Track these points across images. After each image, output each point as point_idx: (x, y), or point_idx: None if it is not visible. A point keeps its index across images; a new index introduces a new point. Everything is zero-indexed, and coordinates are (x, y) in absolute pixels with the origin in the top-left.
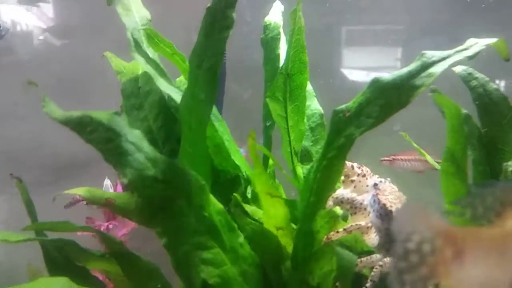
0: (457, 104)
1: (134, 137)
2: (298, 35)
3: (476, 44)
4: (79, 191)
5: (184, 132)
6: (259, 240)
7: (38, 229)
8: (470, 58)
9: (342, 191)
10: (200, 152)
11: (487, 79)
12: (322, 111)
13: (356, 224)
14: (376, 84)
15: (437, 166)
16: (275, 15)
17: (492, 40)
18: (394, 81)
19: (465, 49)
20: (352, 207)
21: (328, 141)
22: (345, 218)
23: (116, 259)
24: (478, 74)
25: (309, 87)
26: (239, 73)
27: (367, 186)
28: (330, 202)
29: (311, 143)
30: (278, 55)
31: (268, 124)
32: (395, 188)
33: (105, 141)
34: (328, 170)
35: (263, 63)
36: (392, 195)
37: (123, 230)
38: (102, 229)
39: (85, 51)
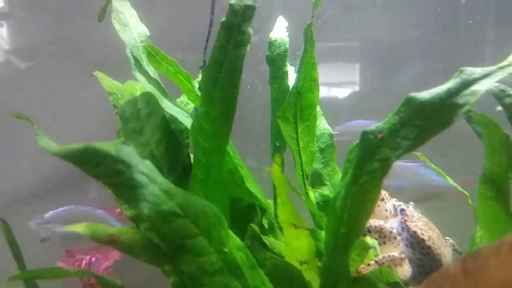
0: (497, 123)
1: (146, 168)
2: (310, 49)
3: None
4: (78, 228)
5: (197, 158)
6: (282, 276)
7: (26, 278)
8: None
9: (370, 221)
10: (215, 180)
11: None
12: (331, 131)
13: (389, 256)
14: (411, 103)
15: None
16: (281, 31)
17: None
18: (432, 100)
19: (509, 65)
20: (381, 236)
21: (359, 165)
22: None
23: None
24: (511, 91)
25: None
26: None
27: (386, 210)
28: None
29: (321, 165)
30: (286, 72)
31: (278, 145)
32: (420, 213)
33: (115, 174)
34: (361, 197)
35: (269, 81)
36: (421, 221)
37: (105, 263)
38: (84, 263)
39: (56, 71)
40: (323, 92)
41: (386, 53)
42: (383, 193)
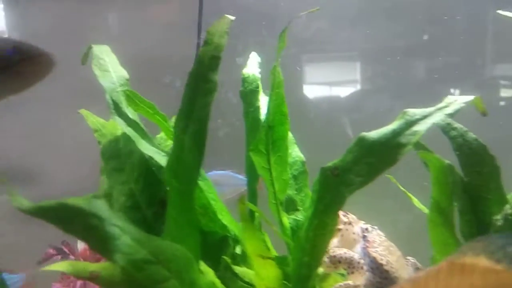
0: (439, 157)
1: (118, 219)
2: (278, 88)
3: (455, 102)
4: (61, 267)
5: (171, 198)
6: None
7: None
8: (451, 116)
9: (339, 250)
10: (188, 219)
11: (465, 128)
12: (304, 159)
13: (345, 284)
14: (362, 142)
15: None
16: (253, 67)
17: (470, 98)
18: (380, 140)
19: (446, 107)
20: (350, 267)
21: (318, 198)
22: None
23: None
24: (456, 124)
25: (289, 135)
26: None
27: (354, 233)
28: (326, 260)
29: (295, 191)
30: (258, 107)
31: (251, 176)
32: (383, 237)
33: (88, 229)
34: (321, 229)
35: (243, 116)
36: (381, 246)
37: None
38: (78, 285)
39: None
40: (324, 91)
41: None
42: (351, 217)
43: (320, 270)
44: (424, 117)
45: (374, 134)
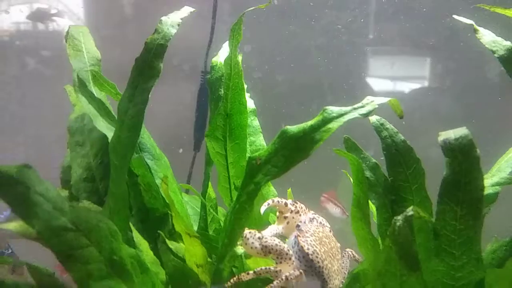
0: (357, 158)
1: (44, 189)
2: (236, 79)
3: (371, 103)
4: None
5: (111, 173)
6: (179, 277)
7: None
8: (365, 116)
9: (272, 240)
10: (121, 193)
11: (396, 130)
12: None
13: (266, 268)
14: (283, 135)
15: None
16: (222, 57)
17: (386, 99)
18: (298, 134)
19: (362, 107)
20: (279, 257)
21: (242, 186)
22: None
23: None
24: (388, 125)
25: (255, 123)
26: None
27: (300, 222)
28: (257, 245)
29: None
30: (221, 95)
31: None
32: (324, 228)
33: (15, 195)
34: (239, 214)
35: (208, 102)
36: (313, 237)
37: None
38: None
39: None
40: (387, 85)
41: None
42: (300, 207)
43: (240, 250)
44: (340, 115)
45: (294, 128)
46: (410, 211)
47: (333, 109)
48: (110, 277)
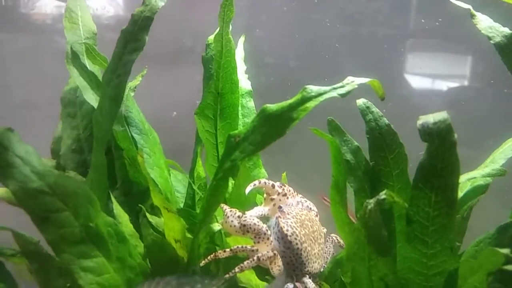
0: (335, 140)
1: (24, 152)
2: (228, 57)
3: (351, 83)
4: None
5: (94, 144)
6: (157, 251)
7: None
8: (343, 95)
9: (251, 219)
10: (100, 164)
11: (381, 114)
12: None
13: (242, 246)
14: (263, 113)
15: None
16: None
17: (366, 80)
18: (276, 112)
19: (341, 87)
20: (256, 237)
21: (220, 163)
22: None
23: (28, 258)
24: (374, 109)
25: (251, 104)
26: None
27: (287, 205)
28: (236, 224)
29: None
30: (212, 74)
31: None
32: (313, 211)
33: None
34: (215, 190)
35: (202, 80)
36: (294, 219)
37: None
38: None
39: None
40: (425, 83)
41: None
42: (287, 189)
43: (216, 227)
44: (319, 94)
45: (274, 106)
46: (382, 194)
47: (312, 88)
48: (84, 243)
